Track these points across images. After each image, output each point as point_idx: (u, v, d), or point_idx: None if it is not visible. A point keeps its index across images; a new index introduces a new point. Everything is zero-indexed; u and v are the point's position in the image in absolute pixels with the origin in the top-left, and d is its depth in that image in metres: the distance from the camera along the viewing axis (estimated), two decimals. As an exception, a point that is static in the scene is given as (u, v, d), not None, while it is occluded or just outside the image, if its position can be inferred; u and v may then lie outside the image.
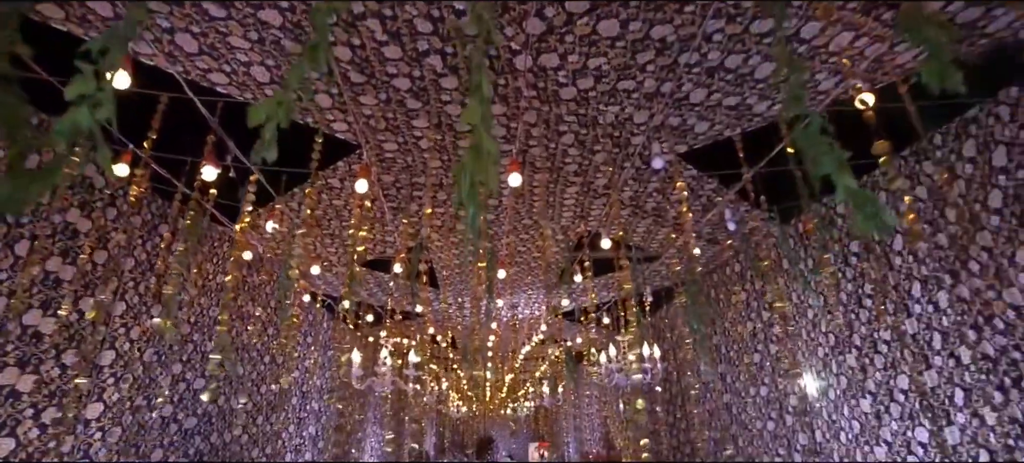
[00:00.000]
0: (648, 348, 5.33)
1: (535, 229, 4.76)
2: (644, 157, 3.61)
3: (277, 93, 1.07)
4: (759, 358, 5.47)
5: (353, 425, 9.06)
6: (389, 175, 3.83)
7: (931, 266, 3.40)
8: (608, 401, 10.52)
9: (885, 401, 3.80)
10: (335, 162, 3.71)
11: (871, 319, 3.94)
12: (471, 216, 1.05)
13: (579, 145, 3.45)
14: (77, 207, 3.37)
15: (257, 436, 5.94)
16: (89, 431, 3.40)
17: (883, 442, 3.81)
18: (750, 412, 5.63)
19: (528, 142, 3.40)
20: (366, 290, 6.81)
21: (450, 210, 4.44)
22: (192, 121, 3.02)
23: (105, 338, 3.53)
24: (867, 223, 1.10)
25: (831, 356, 4.38)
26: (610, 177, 3.36)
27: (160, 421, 4.25)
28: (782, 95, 2.94)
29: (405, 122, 3.20)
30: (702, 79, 2.81)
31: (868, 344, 3.97)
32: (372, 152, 3.50)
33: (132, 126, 2.95)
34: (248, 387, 5.85)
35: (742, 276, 5.66)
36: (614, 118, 3.17)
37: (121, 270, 3.70)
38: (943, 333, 3.31)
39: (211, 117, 2.82)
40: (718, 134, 3.37)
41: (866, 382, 3.99)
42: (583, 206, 4.30)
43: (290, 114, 1.08)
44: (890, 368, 3.76)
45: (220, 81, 2.84)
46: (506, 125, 3.22)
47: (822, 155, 1.17)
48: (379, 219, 4.60)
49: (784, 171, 3.66)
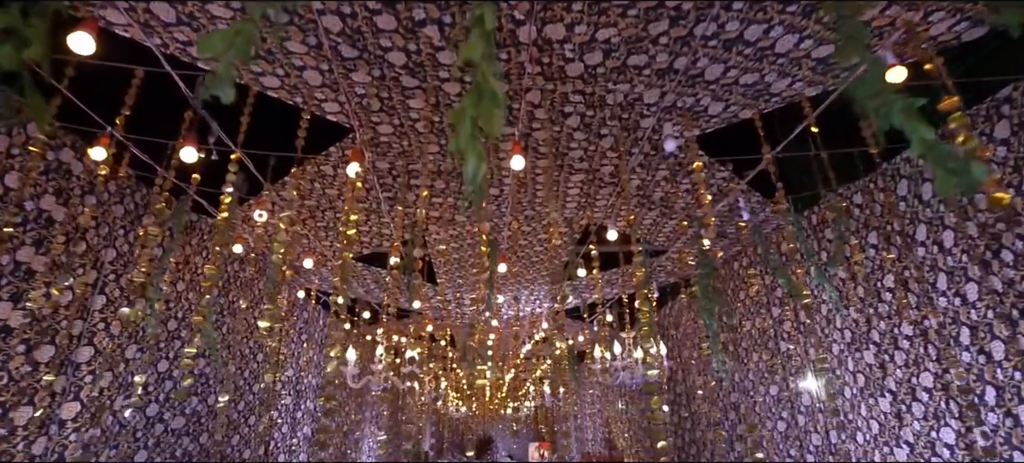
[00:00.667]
0: (655, 345, 5.14)
1: (537, 220, 4.56)
2: (654, 142, 3.42)
3: (235, 23, 0.88)
4: (768, 356, 5.28)
5: (350, 425, 8.86)
6: (384, 161, 3.63)
7: (958, 256, 3.21)
8: (611, 401, 10.33)
9: (907, 400, 3.61)
10: (328, 147, 3.52)
11: (891, 313, 3.75)
12: (472, 170, 0.86)
13: (585, 128, 3.25)
14: (52, 194, 3.17)
15: (249, 437, 5.74)
16: (64, 432, 3.20)
17: (904, 443, 3.61)
18: (759, 412, 5.44)
19: (531, 125, 3.20)
20: (363, 286, 6.61)
21: (449, 200, 4.25)
22: (176, 102, 2.82)
23: (82, 333, 3.33)
24: (948, 181, 0.90)
25: (847, 353, 4.18)
26: (620, 152, 3.15)
27: (144, 421, 4.05)
28: (804, 71, 2.75)
29: (401, 102, 3.00)
30: (719, 53, 2.62)
31: (888, 340, 3.78)
32: (366, 135, 3.31)
33: (110, 106, 2.76)
34: (241, 386, 5.65)
35: (754, 270, 5.47)
36: (623, 98, 2.98)
37: (100, 261, 3.50)
38: (972, 327, 3.12)
39: (190, 93, 2.62)
40: (733, 116, 3.18)
41: (885, 380, 3.79)
42: (588, 196, 4.10)
43: (251, 47, 0.88)
44: (912, 365, 3.56)
45: (203, 55, 2.64)
46: (508, 106, 3.02)
47: (889, 104, 0.97)
48: (375, 210, 4.40)
49: (799, 157, 3.47)
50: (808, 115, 2.81)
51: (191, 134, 2.62)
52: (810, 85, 2.87)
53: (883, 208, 3.79)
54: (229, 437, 5.48)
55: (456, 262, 5.57)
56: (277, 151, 3.30)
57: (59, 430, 3.13)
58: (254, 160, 3.36)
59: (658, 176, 3.92)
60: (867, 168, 3.83)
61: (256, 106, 2.89)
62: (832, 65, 2.69)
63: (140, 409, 4.02)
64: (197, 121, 2.70)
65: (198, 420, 4.89)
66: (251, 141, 3.24)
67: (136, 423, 3.95)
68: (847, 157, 3.57)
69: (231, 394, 5.40)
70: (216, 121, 2.91)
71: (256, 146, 3.28)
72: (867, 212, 3.94)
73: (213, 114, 2.88)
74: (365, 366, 5.34)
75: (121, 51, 2.56)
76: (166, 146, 3.12)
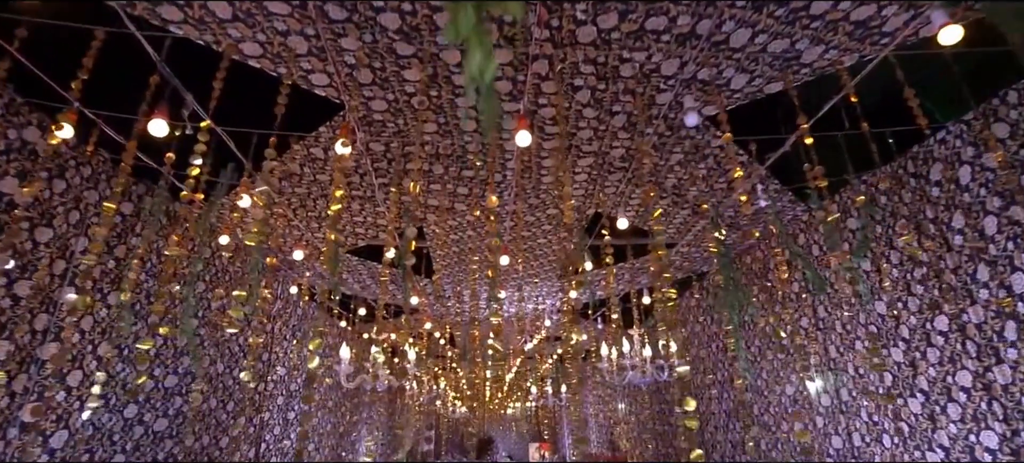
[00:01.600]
0: (669, 343, 4.88)
1: (542, 209, 4.30)
2: (669, 121, 3.15)
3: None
4: (784, 356, 5.02)
5: (346, 426, 8.59)
6: (378, 142, 3.37)
7: (1002, 244, 2.95)
8: (615, 400, 10.07)
9: (941, 401, 3.35)
10: (317, 126, 3.25)
11: (922, 307, 3.49)
12: (478, 66, 0.59)
13: (596, 104, 2.99)
14: (14, 176, 2.90)
15: (239, 440, 5.48)
16: (25, 435, 2.94)
17: (938, 447, 3.35)
18: (772, 413, 5.18)
19: (537, 100, 2.94)
20: (358, 282, 6.34)
21: (448, 187, 3.98)
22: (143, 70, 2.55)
23: (49, 328, 3.06)
24: None
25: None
26: (639, 119, 2.88)
27: (122, 423, 3.79)
28: (839, 36, 2.49)
29: (395, 74, 2.74)
30: (747, 15, 2.36)
31: (919, 336, 3.52)
32: (357, 110, 3.04)
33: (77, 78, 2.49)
34: (230, 386, 5.39)
35: (782, 256, 5.21)
36: (638, 68, 2.71)
37: (70, 250, 3.23)
38: (1020, 321, 2.85)
39: (159, 59, 2.35)
40: (757, 91, 2.92)
41: (916, 379, 3.53)
42: (597, 182, 3.84)
43: None
44: (948, 363, 3.30)
45: (173, 17, 2.37)
46: (512, 78, 2.76)
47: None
48: (369, 198, 4.14)
49: (823, 140, 3.21)
50: (845, 83, 2.54)
51: (161, 106, 2.35)
52: (845, 53, 2.61)
53: (915, 194, 3.53)
54: (217, 439, 5.22)
55: (456, 255, 5.31)
56: (261, 129, 3.03)
57: (20, 433, 2.86)
58: (236, 139, 3.10)
59: (672, 160, 3.66)
60: (894, 152, 3.58)
61: (237, 79, 2.62)
62: (872, 28, 2.42)
63: (118, 410, 3.76)
64: (168, 91, 2.43)
65: (184, 421, 4.63)
66: (232, 119, 2.98)
67: (112, 425, 3.69)
68: (873, 141, 3.31)
69: (220, 393, 5.14)
70: (193, 97, 2.65)
71: (236, 124, 3.02)
72: (896, 199, 3.68)
73: (190, 89, 2.62)
74: (360, 365, 5.08)
75: (84, 10, 2.30)
76: (135, 123, 2.85)
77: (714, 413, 6.40)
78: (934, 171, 3.39)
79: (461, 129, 3.19)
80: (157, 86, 2.38)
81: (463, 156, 3.50)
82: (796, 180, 3.76)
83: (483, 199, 3.86)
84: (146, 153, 3.18)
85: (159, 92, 2.39)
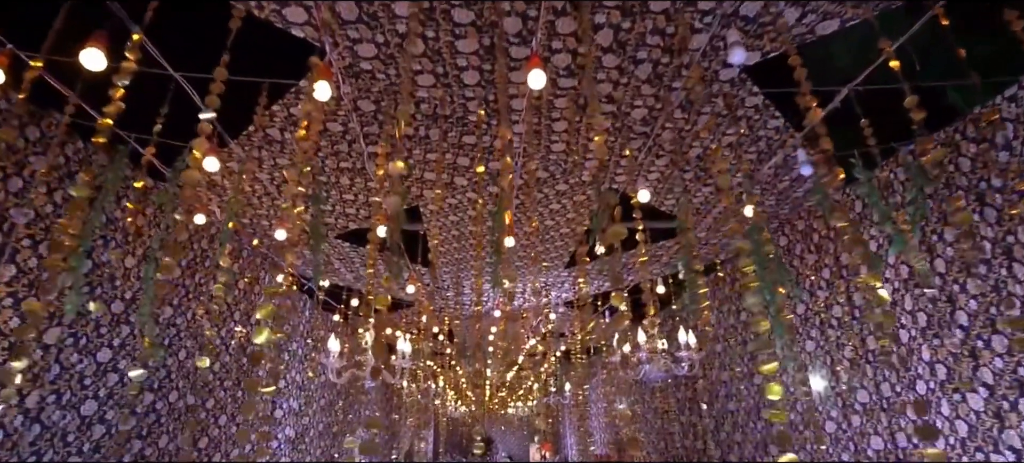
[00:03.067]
0: (684, 336, 4.47)
1: (551, 184, 3.87)
2: (702, 71, 2.73)
3: None
4: (813, 346, 4.61)
5: (339, 425, 8.16)
6: (367, 99, 2.94)
7: (1092, 212, 2.53)
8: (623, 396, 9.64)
9: (1011, 396, 2.93)
10: (297, 81, 2.83)
11: (987, 290, 3.07)
12: None
13: (619, 48, 2.56)
14: (-61, 132, 2.48)
15: (220, 439, 5.06)
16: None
17: (1008, 449, 2.94)
18: (800, 410, 4.76)
19: (550, 43, 2.52)
20: (350, 271, 5.92)
21: (447, 158, 3.56)
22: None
23: (-19, 309, 2.64)
24: None
25: (921, 340, 3.51)
26: (680, 40, 2.46)
27: (78, 422, 3.36)
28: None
29: (384, 9, 2.32)
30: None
31: (981, 322, 3.10)
32: (342, 59, 2.62)
33: None
34: (210, 382, 4.97)
35: (811, 239, 4.79)
36: (670, 4, 2.29)
37: (9, 223, 2.81)
38: (1118, 300, 2.44)
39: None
40: (807, 31, 2.50)
41: (978, 372, 3.12)
42: (614, 149, 3.42)
43: None
44: (1019, 352, 2.89)
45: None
46: (522, 14, 2.34)
47: None
48: (360, 171, 3.72)
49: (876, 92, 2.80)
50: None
51: (99, 34, 1.92)
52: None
53: (974, 162, 3.11)
54: (196, 440, 4.81)
55: (455, 239, 4.88)
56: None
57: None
58: (198, 87, 2.67)
59: (698, 125, 3.24)
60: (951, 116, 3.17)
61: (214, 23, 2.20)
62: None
63: (73, 408, 3.33)
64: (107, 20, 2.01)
65: (158, 419, 4.21)
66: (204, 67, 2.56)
67: (67, 425, 3.26)
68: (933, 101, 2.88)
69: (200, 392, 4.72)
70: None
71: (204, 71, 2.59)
72: (951, 168, 3.26)
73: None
74: (350, 359, 4.66)
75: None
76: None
77: (732, 411, 5.98)
78: (1000, 135, 2.97)
79: (462, 82, 2.77)
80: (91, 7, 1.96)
81: (464, 117, 3.08)
82: (839, 147, 3.34)
83: (490, 159, 3.44)
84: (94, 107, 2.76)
85: (96, 18, 1.96)
